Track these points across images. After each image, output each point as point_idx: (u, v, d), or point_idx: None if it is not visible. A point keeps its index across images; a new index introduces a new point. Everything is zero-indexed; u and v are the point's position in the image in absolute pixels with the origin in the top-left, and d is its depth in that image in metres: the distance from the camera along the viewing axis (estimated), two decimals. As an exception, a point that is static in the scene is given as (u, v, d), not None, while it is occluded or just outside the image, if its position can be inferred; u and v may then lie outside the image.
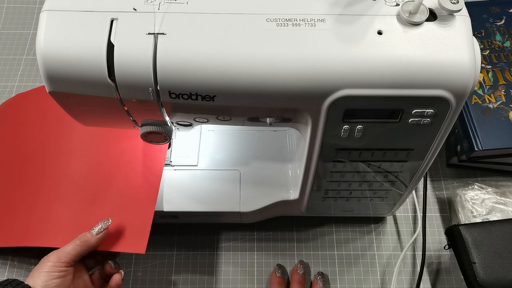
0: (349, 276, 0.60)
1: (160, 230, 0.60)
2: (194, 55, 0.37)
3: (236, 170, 0.58)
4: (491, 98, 0.62)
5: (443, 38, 0.37)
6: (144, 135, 0.45)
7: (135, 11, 0.38)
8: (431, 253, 0.61)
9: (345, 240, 0.62)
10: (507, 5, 0.68)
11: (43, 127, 0.63)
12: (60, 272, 0.46)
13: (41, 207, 0.57)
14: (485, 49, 0.65)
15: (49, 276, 0.45)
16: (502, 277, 0.52)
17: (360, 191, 0.53)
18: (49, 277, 0.45)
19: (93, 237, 0.49)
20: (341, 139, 0.43)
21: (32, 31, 0.79)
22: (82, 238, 0.49)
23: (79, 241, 0.49)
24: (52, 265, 0.46)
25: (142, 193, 0.54)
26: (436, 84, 0.37)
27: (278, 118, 0.43)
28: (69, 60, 0.37)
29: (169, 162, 0.59)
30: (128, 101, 0.40)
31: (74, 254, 0.48)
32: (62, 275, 0.46)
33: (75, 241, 0.49)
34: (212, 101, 0.39)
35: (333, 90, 0.38)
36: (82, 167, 0.58)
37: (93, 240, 0.49)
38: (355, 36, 0.37)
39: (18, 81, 0.74)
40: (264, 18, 0.38)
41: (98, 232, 0.50)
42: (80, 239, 0.49)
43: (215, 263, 0.60)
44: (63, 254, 0.47)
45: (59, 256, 0.47)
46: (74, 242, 0.48)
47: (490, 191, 0.61)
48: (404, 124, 0.41)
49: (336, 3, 0.39)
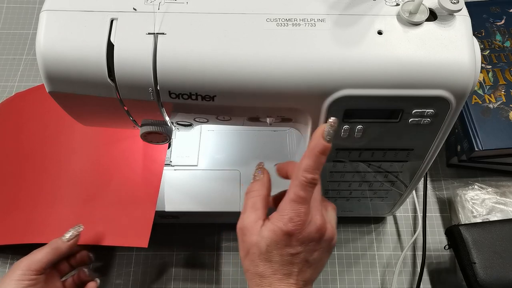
0: (349, 276, 0.60)
1: (160, 230, 0.60)
2: (194, 55, 0.37)
3: (236, 170, 0.58)
4: (491, 98, 0.62)
5: (443, 38, 0.37)
6: (144, 135, 0.45)
7: (135, 11, 0.38)
8: (431, 253, 0.61)
9: (345, 240, 0.62)
10: (507, 5, 0.68)
11: (43, 126, 0.63)
12: (30, 281, 0.45)
13: (42, 205, 0.57)
14: (485, 49, 0.65)
15: (18, 285, 0.44)
16: (502, 277, 0.52)
17: (360, 191, 0.53)
18: (18, 285, 0.44)
19: (64, 243, 0.49)
20: (341, 139, 0.43)
21: (32, 31, 0.79)
22: (53, 245, 0.48)
23: (49, 248, 0.48)
24: (22, 273, 0.45)
25: (142, 191, 0.54)
26: (436, 84, 0.37)
27: (278, 118, 0.43)
28: (69, 60, 0.37)
29: (169, 162, 0.59)
30: (128, 101, 0.40)
31: (45, 261, 0.47)
32: (32, 284, 0.45)
33: (45, 248, 0.48)
34: (212, 101, 0.39)
35: (333, 90, 0.38)
36: (82, 166, 0.58)
37: (64, 247, 0.48)
38: (355, 36, 0.37)
39: (18, 81, 0.74)
40: (264, 18, 0.38)
41: (70, 239, 0.49)
42: (51, 246, 0.48)
43: (215, 263, 0.60)
44: (33, 262, 0.46)
45: (29, 264, 0.46)
46: (45, 249, 0.48)
47: (490, 191, 0.61)
48: (404, 124, 0.41)
49: (336, 3, 0.39)
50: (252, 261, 0.39)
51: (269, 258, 0.38)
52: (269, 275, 0.38)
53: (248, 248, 0.39)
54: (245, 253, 0.40)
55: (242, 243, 0.40)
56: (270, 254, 0.38)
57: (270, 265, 0.38)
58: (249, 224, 0.40)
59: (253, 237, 0.39)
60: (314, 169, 0.37)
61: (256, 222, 0.39)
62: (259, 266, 0.39)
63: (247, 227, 0.40)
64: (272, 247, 0.38)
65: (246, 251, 0.40)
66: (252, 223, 0.40)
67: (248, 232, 0.39)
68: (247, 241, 0.39)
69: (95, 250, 0.54)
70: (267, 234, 0.38)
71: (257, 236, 0.39)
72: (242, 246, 0.40)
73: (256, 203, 0.41)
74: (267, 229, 0.38)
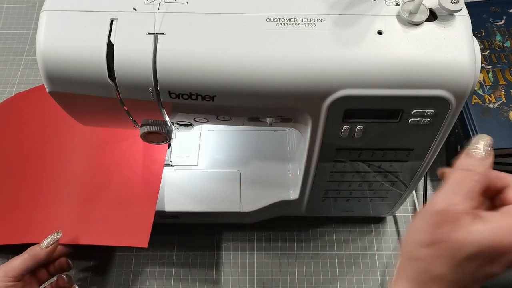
0: (349, 276, 0.60)
1: (160, 230, 0.60)
2: (194, 55, 0.37)
3: (236, 170, 0.58)
4: (491, 98, 0.62)
5: (443, 38, 0.37)
6: (144, 135, 0.45)
7: (135, 11, 0.38)
8: (431, 253, 0.61)
9: (345, 240, 0.62)
10: (507, 5, 0.68)
11: (43, 126, 0.63)
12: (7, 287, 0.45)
13: (42, 205, 0.57)
14: (485, 49, 0.65)
15: None
16: (502, 277, 0.52)
17: (360, 191, 0.53)
18: None
19: (43, 250, 0.48)
20: (341, 139, 0.43)
21: (32, 31, 0.79)
22: (31, 251, 0.48)
23: (27, 255, 0.48)
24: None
25: (142, 191, 0.54)
26: (436, 84, 0.37)
27: (278, 118, 0.43)
28: (69, 60, 0.37)
29: (169, 162, 0.59)
30: (128, 101, 0.40)
31: (23, 268, 0.47)
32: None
33: (23, 254, 0.48)
34: (212, 101, 0.39)
35: (333, 90, 0.38)
36: (82, 166, 0.58)
37: (42, 253, 0.48)
38: (355, 36, 0.37)
39: (18, 81, 0.74)
40: (264, 18, 0.38)
41: (48, 245, 0.49)
42: (29, 253, 0.48)
43: (215, 263, 0.60)
44: (10, 268, 0.46)
45: (6, 271, 0.46)
46: (23, 256, 0.47)
47: (490, 191, 0.61)
48: (404, 124, 0.41)
49: (336, 3, 0.39)
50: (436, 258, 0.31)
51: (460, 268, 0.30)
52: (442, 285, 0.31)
53: (441, 239, 0.30)
54: (431, 241, 0.31)
55: (436, 228, 0.31)
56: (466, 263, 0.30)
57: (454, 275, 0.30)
58: (460, 213, 0.30)
59: (459, 233, 0.30)
60: None
61: (468, 214, 0.30)
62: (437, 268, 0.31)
63: (456, 216, 0.30)
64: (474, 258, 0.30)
65: (437, 240, 0.31)
66: (463, 213, 0.30)
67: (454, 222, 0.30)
68: (445, 231, 0.30)
69: (95, 250, 0.54)
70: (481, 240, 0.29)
71: (464, 234, 0.30)
72: (431, 230, 0.31)
73: (474, 189, 0.31)
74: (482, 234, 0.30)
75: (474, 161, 0.32)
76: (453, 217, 0.30)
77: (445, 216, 0.31)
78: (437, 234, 0.31)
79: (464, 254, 0.30)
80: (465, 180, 0.31)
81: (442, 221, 0.31)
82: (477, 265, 0.30)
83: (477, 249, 0.29)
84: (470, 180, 0.31)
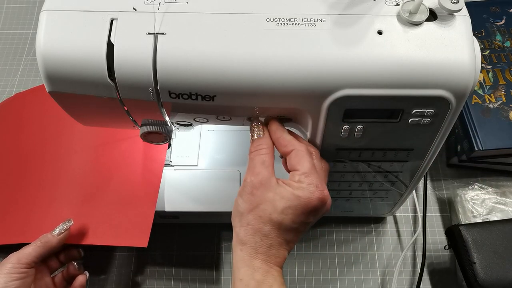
0: (349, 276, 0.60)
1: (160, 230, 0.60)
2: (194, 55, 0.37)
3: (236, 170, 0.58)
4: (491, 98, 0.62)
5: (443, 38, 0.37)
6: (144, 135, 0.45)
7: (135, 11, 0.38)
8: (431, 253, 0.61)
9: (345, 240, 0.62)
10: (507, 5, 0.68)
11: (43, 126, 0.63)
12: (20, 274, 0.46)
13: (41, 205, 0.57)
14: (485, 49, 0.65)
15: (8, 278, 0.45)
16: (502, 277, 0.52)
17: (360, 191, 0.53)
18: (8, 278, 0.45)
19: (54, 238, 0.49)
20: (341, 139, 0.43)
21: (32, 31, 0.80)
22: (43, 239, 0.49)
23: (40, 242, 0.48)
24: (12, 267, 0.46)
25: (142, 191, 0.54)
26: (436, 84, 0.37)
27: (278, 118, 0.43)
28: (69, 60, 0.37)
29: (169, 162, 0.59)
30: (128, 101, 0.40)
31: (35, 255, 0.47)
32: (22, 277, 0.46)
33: (36, 242, 0.48)
34: (212, 101, 0.39)
35: (333, 90, 0.38)
36: (82, 166, 0.58)
37: (54, 241, 0.49)
38: (355, 36, 0.37)
39: (18, 81, 0.74)
40: (264, 18, 0.38)
41: (60, 233, 0.49)
42: (41, 240, 0.48)
43: (215, 263, 0.60)
44: (23, 255, 0.47)
45: (19, 258, 0.46)
46: (35, 243, 0.48)
47: (490, 191, 0.61)
48: (404, 124, 0.41)
49: (336, 3, 0.39)
50: (259, 217, 0.38)
51: (281, 220, 0.38)
52: (272, 237, 0.38)
53: (258, 203, 0.38)
54: (251, 206, 0.39)
55: (251, 196, 0.39)
56: (284, 216, 0.38)
57: (278, 227, 0.38)
58: (264, 179, 0.39)
59: (268, 193, 0.38)
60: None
61: (270, 178, 0.39)
62: (266, 224, 0.38)
63: (261, 182, 0.39)
64: (289, 211, 0.37)
65: (255, 205, 0.39)
66: (266, 179, 0.39)
67: (262, 187, 0.38)
68: (258, 196, 0.38)
69: (95, 250, 0.54)
70: (289, 196, 0.37)
71: (274, 193, 0.38)
72: (249, 199, 0.39)
73: (265, 160, 0.40)
74: (289, 192, 0.38)
75: (257, 141, 0.41)
76: (260, 183, 0.38)
77: (254, 185, 0.39)
78: (254, 200, 0.39)
79: (279, 208, 0.37)
80: (255, 157, 0.40)
81: (253, 189, 0.39)
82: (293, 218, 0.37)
83: (290, 204, 0.37)
84: (259, 155, 0.40)
